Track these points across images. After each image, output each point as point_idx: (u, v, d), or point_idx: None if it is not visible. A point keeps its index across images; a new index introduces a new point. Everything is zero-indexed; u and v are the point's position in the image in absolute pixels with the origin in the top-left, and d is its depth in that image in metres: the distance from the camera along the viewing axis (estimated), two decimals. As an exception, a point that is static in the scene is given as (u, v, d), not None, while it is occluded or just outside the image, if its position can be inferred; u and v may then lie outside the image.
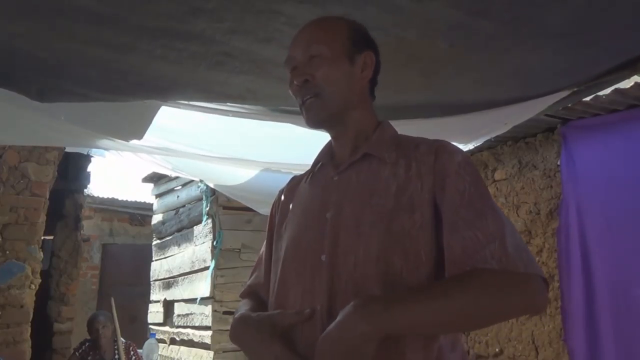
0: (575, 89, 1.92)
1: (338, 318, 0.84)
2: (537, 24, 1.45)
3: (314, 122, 1.07)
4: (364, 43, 1.09)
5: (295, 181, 1.21)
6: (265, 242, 1.21)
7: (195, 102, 1.86)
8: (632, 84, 2.41)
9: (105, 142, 2.22)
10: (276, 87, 1.69)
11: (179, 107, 1.88)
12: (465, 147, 2.69)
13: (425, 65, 1.66)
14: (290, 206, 1.13)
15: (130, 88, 1.71)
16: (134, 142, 2.15)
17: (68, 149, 3.43)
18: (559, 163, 2.92)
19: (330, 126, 1.10)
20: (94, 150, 2.89)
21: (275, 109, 1.98)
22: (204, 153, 2.42)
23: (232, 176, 3.00)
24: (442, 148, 1.00)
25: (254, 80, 1.68)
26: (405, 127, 2.13)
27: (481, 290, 0.85)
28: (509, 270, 0.85)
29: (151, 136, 2.09)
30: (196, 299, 5.00)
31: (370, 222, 0.95)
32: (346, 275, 0.93)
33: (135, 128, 2.00)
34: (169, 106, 1.87)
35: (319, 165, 1.14)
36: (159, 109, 1.87)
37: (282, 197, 1.19)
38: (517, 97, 1.97)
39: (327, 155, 1.13)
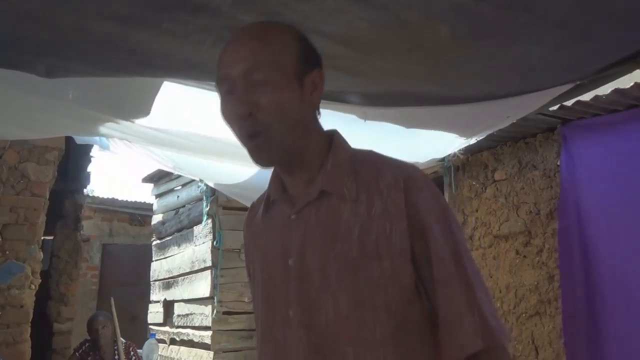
0: (577, 82, 1.91)
1: None
2: (537, 12, 1.44)
3: (266, 164, 0.95)
4: (313, 59, 0.95)
5: (253, 213, 1.10)
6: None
7: (198, 81, 1.84)
8: (632, 84, 2.41)
9: (110, 129, 2.21)
10: None
11: (184, 84, 1.86)
12: (466, 142, 2.68)
13: (427, 53, 1.64)
14: (252, 245, 1.08)
15: (137, 68, 1.70)
16: (140, 123, 2.12)
17: (70, 148, 3.42)
18: (559, 163, 2.92)
19: (284, 163, 0.96)
20: (98, 142, 2.85)
21: None
22: (210, 134, 2.35)
23: (232, 175, 2.99)
24: (410, 183, 0.91)
25: None
26: (407, 115, 2.12)
27: None
28: (506, 346, 0.92)
29: (156, 118, 2.07)
30: (196, 299, 5.01)
31: (337, 273, 0.89)
32: (317, 333, 0.89)
33: (141, 104, 1.97)
34: (173, 82, 1.86)
35: (271, 199, 1.03)
36: (162, 83, 1.86)
37: (245, 231, 1.12)
38: (518, 91, 1.96)
39: (278, 189, 1.01)
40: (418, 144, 2.71)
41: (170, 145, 2.47)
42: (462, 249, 0.92)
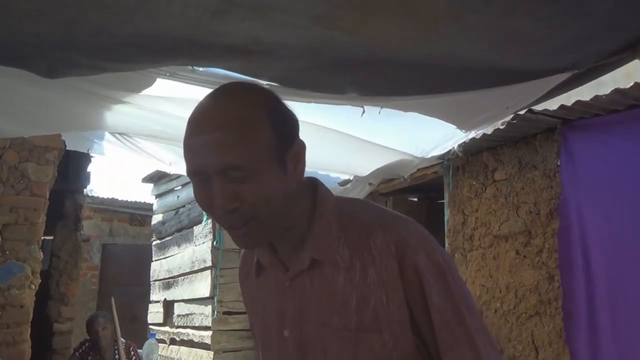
0: (576, 71, 1.90)
1: None
2: None
3: (255, 247, 0.95)
4: (290, 131, 0.87)
5: (247, 265, 1.06)
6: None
7: (200, 63, 1.81)
8: (632, 83, 2.41)
9: (112, 118, 2.19)
10: (282, 33, 1.60)
11: (187, 82, 1.84)
12: (465, 136, 2.66)
13: (424, 20, 1.61)
14: (250, 300, 1.07)
15: (138, 53, 1.68)
16: (146, 93, 2.09)
17: (69, 148, 3.41)
18: (559, 163, 2.92)
19: (274, 240, 0.94)
20: (94, 148, 2.85)
21: (282, 86, 1.91)
22: None
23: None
24: (402, 247, 0.87)
25: (259, 26, 1.57)
26: (406, 103, 2.11)
27: None
28: None
29: (161, 83, 2.04)
30: (196, 299, 5.01)
31: (336, 347, 0.87)
32: None
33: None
34: (175, 80, 1.84)
35: (261, 263, 1.00)
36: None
37: (241, 280, 1.10)
38: (516, 68, 1.94)
39: (267, 252, 0.96)
40: (418, 138, 2.70)
41: (173, 125, 2.42)
42: (462, 306, 0.88)
